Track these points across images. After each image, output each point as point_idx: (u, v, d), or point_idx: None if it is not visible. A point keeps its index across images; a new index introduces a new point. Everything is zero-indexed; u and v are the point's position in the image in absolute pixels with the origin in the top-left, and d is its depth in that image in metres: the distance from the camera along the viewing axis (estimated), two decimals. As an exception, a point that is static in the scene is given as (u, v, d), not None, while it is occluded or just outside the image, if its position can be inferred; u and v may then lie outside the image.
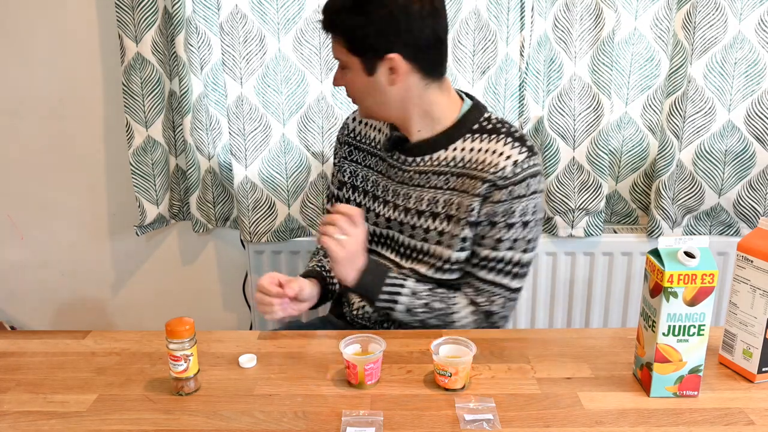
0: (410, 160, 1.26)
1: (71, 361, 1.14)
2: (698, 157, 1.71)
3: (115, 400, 1.01)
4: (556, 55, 1.67)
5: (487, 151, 1.18)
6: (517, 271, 1.21)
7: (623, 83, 1.74)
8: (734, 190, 1.73)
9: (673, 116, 1.68)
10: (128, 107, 1.74)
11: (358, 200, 1.34)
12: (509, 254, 1.19)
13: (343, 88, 1.25)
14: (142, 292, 2.05)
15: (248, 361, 1.11)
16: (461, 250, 1.21)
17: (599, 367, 1.08)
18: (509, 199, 1.16)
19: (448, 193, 1.21)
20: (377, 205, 1.31)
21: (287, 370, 1.09)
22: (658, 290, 0.95)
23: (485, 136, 1.20)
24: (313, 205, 1.84)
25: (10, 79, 1.85)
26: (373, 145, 1.34)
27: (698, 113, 1.67)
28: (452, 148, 1.22)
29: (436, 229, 1.22)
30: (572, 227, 1.78)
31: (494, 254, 1.19)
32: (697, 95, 1.65)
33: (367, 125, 1.36)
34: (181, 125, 1.76)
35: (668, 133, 1.69)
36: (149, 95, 1.74)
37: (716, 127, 1.69)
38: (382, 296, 1.22)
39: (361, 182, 1.35)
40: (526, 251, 1.20)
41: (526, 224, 1.18)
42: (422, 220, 1.23)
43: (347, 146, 1.38)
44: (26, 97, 1.86)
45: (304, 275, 1.35)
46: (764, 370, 1.02)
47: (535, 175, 1.17)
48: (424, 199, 1.23)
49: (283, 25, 1.69)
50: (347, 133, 1.39)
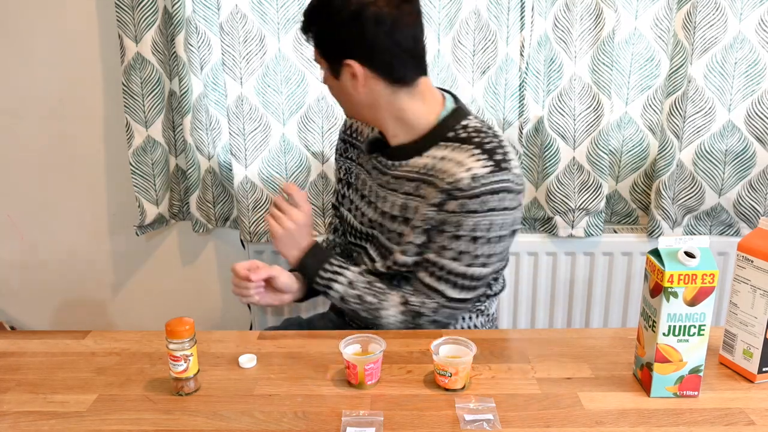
0: (389, 163, 1.24)
1: (71, 361, 1.14)
2: (698, 157, 1.71)
3: (115, 400, 1.01)
4: (556, 55, 1.67)
5: (451, 160, 1.14)
6: (458, 281, 1.18)
7: (623, 83, 1.74)
8: (734, 190, 1.73)
9: (673, 116, 1.68)
10: (128, 107, 1.74)
11: (351, 197, 1.35)
12: (452, 264, 1.16)
13: None
14: (142, 292, 2.04)
15: (248, 361, 1.11)
16: (413, 254, 1.20)
17: (599, 367, 1.08)
18: (461, 211, 1.12)
19: (417, 199, 1.20)
20: (363, 204, 1.31)
21: (287, 370, 1.09)
22: (658, 290, 0.95)
23: (456, 145, 1.16)
24: (313, 205, 1.84)
25: (10, 79, 1.85)
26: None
27: (698, 113, 1.67)
28: (426, 155, 1.19)
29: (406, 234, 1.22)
30: (572, 227, 1.78)
31: (436, 259, 1.17)
32: (697, 95, 1.65)
33: (363, 123, 1.36)
34: (181, 125, 1.76)
35: (668, 133, 1.69)
36: (149, 95, 1.74)
37: (716, 127, 1.68)
38: (319, 280, 1.26)
39: (354, 179, 1.35)
40: (471, 266, 1.16)
41: (475, 239, 1.14)
42: (395, 224, 1.23)
43: (344, 143, 1.39)
44: (26, 97, 1.86)
45: (292, 269, 1.35)
46: (764, 370, 1.02)
47: (496, 192, 1.11)
48: (396, 204, 1.22)
49: (283, 25, 1.69)
50: (345, 129, 1.39)
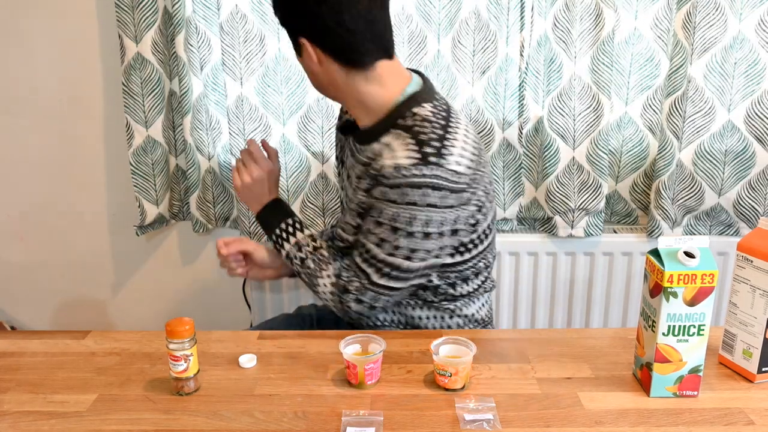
0: (359, 147, 1.23)
1: (71, 361, 1.14)
2: (698, 157, 1.71)
3: (115, 400, 1.01)
4: (555, 55, 1.67)
5: (389, 147, 1.12)
6: (383, 269, 1.16)
7: (623, 83, 1.74)
8: (734, 190, 1.73)
9: (673, 116, 1.68)
10: (128, 107, 1.74)
11: (342, 174, 1.35)
12: (375, 250, 1.15)
13: None
14: (142, 292, 2.05)
15: (248, 361, 1.11)
16: (351, 234, 1.21)
17: (599, 367, 1.08)
18: (382, 199, 1.12)
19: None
20: (346, 183, 1.30)
21: (287, 370, 1.09)
22: (658, 290, 0.95)
23: (399, 132, 1.12)
24: (313, 205, 1.84)
25: (10, 79, 1.85)
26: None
27: (698, 113, 1.67)
28: (381, 140, 1.15)
29: None
30: (572, 227, 1.78)
31: (364, 242, 1.17)
32: (697, 95, 1.65)
33: None
34: (181, 125, 1.76)
35: (668, 133, 1.69)
36: (149, 95, 1.74)
37: (716, 127, 1.69)
38: (272, 235, 1.32)
39: (345, 159, 1.35)
40: (393, 255, 1.14)
41: (395, 230, 1.12)
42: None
43: (340, 120, 1.38)
44: (26, 97, 1.86)
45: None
46: (764, 370, 1.02)
47: (418, 186, 1.07)
48: (357, 189, 1.22)
49: (283, 25, 1.70)
50: (342, 107, 1.38)
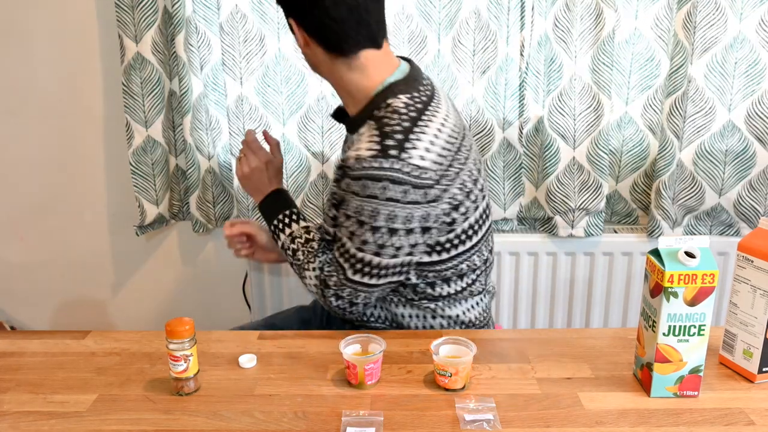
0: (347, 136, 1.23)
1: (71, 361, 1.14)
2: (698, 157, 1.71)
3: (114, 400, 1.01)
4: (556, 54, 1.67)
5: (360, 137, 1.12)
6: (355, 264, 1.14)
7: (623, 83, 1.74)
8: (734, 190, 1.73)
9: (673, 116, 1.68)
10: (128, 107, 1.74)
11: None
12: (348, 243, 1.13)
13: None
14: (142, 292, 2.04)
15: (248, 361, 1.11)
16: (331, 226, 1.21)
17: (599, 367, 1.08)
18: (346, 190, 1.11)
19: None
20: None
21: (287, 370, 1.09)
22: (658, 290, 0.95)
23: (372, 123, 1.11)
24: (313, 205, 1.84)
25: (10, 78, 1.85)
26: None
27: (698, 113, 1.67)
28: (359, 131, 1.15)
29: None
30: (572, 227, 1.78)
31: (339, 234, 1.16)
32: (697, 95, 1.65)
33: None
34: (181, 125, 1.76)
35: (668, 132, 1.69)
36: (149, 95, 1.74)
37: (716, 127, 1.68)
38: (270, 226, 1.33)
39: None
40: (362, 250, 1.12)
41: (361, 223, 1.10)
42: None
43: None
44: (26, 97, 1.86)
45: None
46: (764, 370, 1.02)
47: (378, 179, 1.06)
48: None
49: (282, 24, 1.69)
50: None
